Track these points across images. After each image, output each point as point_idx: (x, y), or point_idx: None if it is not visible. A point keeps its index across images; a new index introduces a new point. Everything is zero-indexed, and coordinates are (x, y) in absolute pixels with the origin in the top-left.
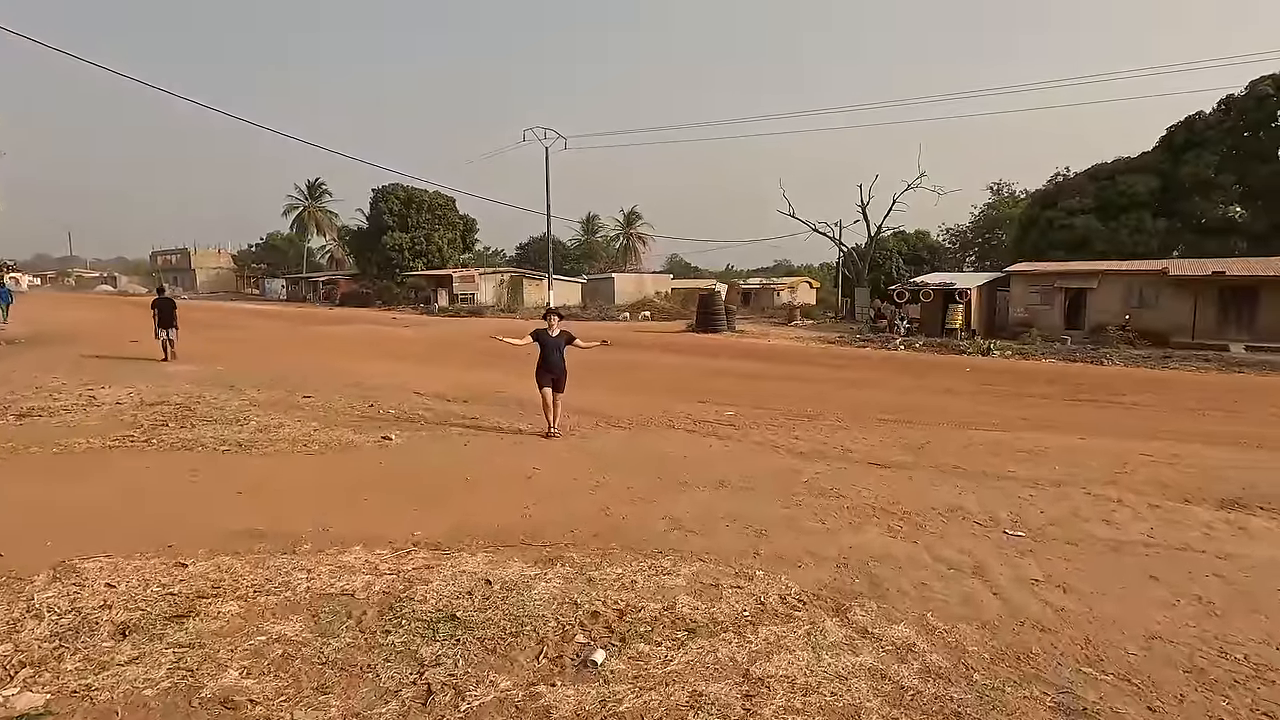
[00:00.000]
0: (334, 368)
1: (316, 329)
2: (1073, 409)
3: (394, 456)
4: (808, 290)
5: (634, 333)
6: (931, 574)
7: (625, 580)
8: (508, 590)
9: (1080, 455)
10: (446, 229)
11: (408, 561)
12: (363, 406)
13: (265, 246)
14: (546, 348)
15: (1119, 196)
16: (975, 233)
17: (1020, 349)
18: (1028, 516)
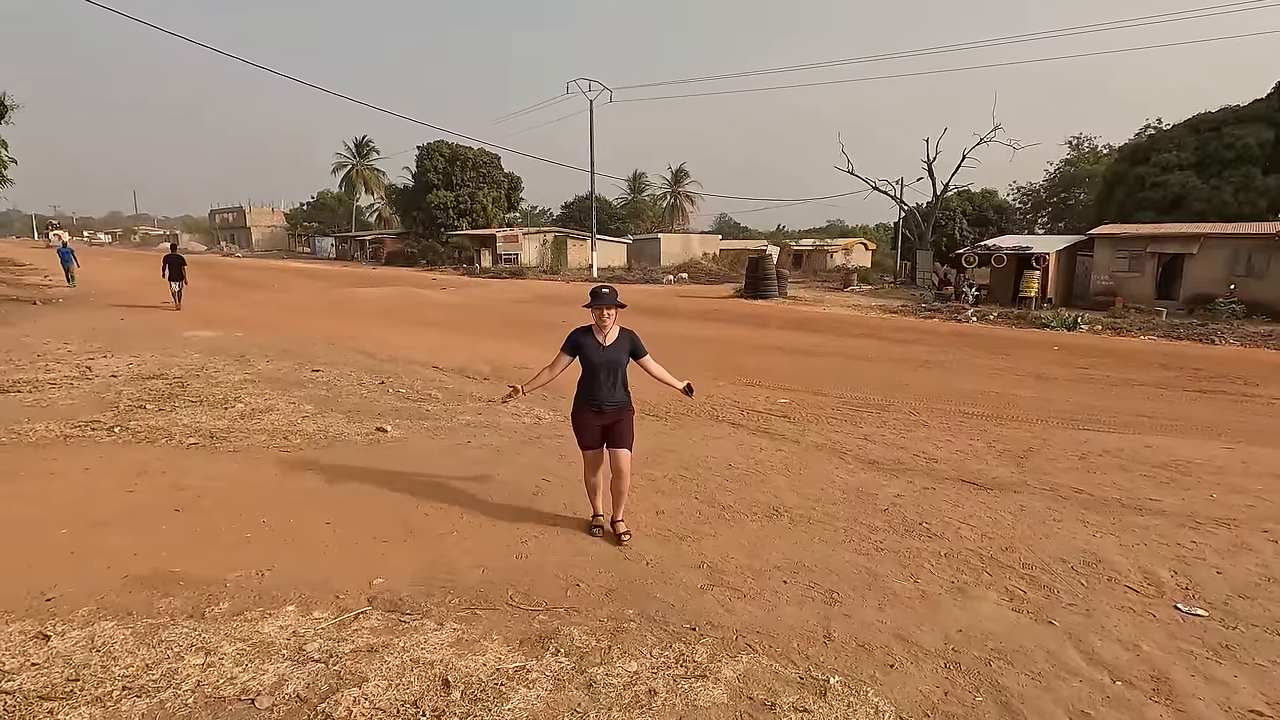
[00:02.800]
0: (356, 336)
1: (351, 291)
2: (1200, 403)
3: (381, 458)
4: (863, 252)
5: (678, 298)
6: (1091, 691)
7: (639, 688)
8: (471, 703)
9: (1238, 476)
10: (491, 187)
11: (349, 636)
12: (372, 384)
13: (316, 205)
14: (594, 368)
15: (1224, 150)
16: (1049, 192)
17: (1112, 323)
18: (1201, 579)
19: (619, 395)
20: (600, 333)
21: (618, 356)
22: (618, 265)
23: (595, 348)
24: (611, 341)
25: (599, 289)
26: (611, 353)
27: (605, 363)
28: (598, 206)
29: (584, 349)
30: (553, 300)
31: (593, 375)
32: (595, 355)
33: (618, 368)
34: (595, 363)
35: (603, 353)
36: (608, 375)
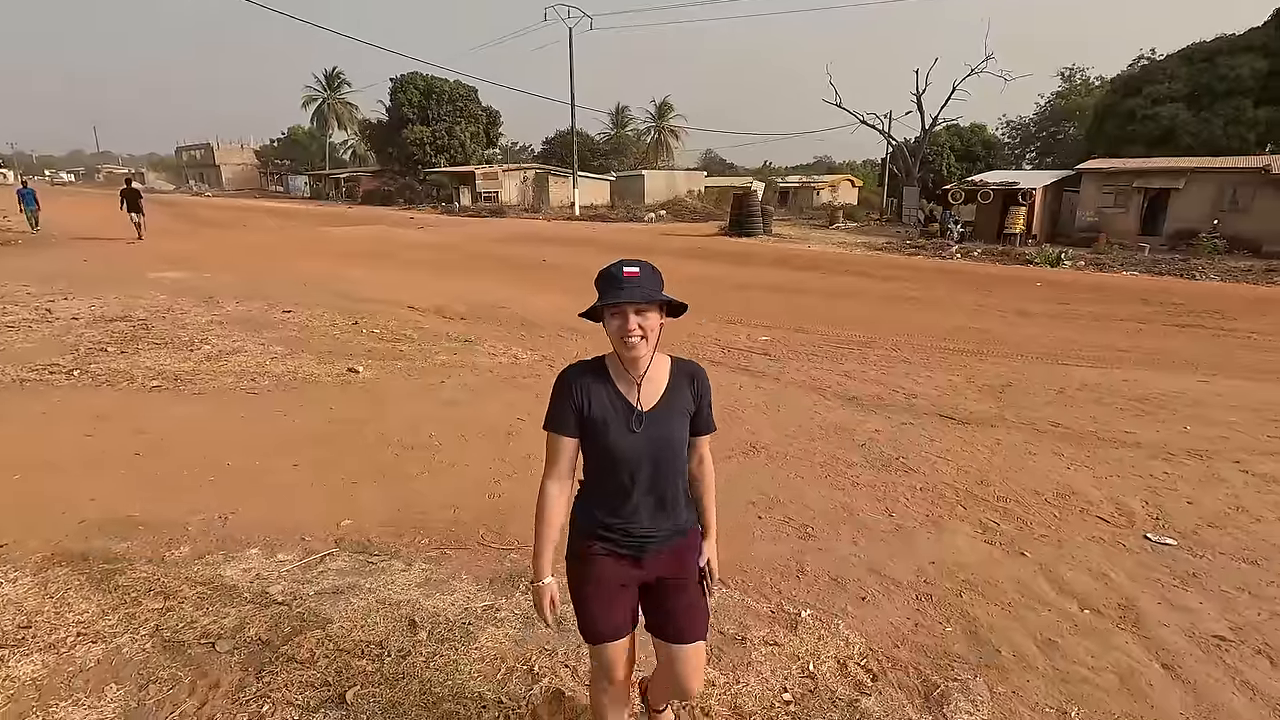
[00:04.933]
0: (330, 276)
1: (326, 231)
2: (1178, 338)
3: (352, 399)
4: (850, 189)
5: (661, 236)
6: (1060, 620)
7: None
8: (438, 643)
9: (1213, 408)
10: (469, 122)
11: (314, 578)
12: (345, 325)
13: (287, 141)
14: (616, 462)
15: (1217, 81)
16: (1039, 126)
17: (1095, 259)
18: (1171, 509)
19: (672, 515)
20: (627, 375)
21: (667, 433)
22: (601, 203)
23: (617, 416)
24: (656, 399)
25: (619, 268)
26: (656, 426)
27: (642, 451)
28: (579, 142)
29: (592, 422)
30: (533, 239)
31: (613, 475)
32: (619, 436)
33: (667, 457)
34: (620, 453)
35: (637, 428)
36: (648, 476)
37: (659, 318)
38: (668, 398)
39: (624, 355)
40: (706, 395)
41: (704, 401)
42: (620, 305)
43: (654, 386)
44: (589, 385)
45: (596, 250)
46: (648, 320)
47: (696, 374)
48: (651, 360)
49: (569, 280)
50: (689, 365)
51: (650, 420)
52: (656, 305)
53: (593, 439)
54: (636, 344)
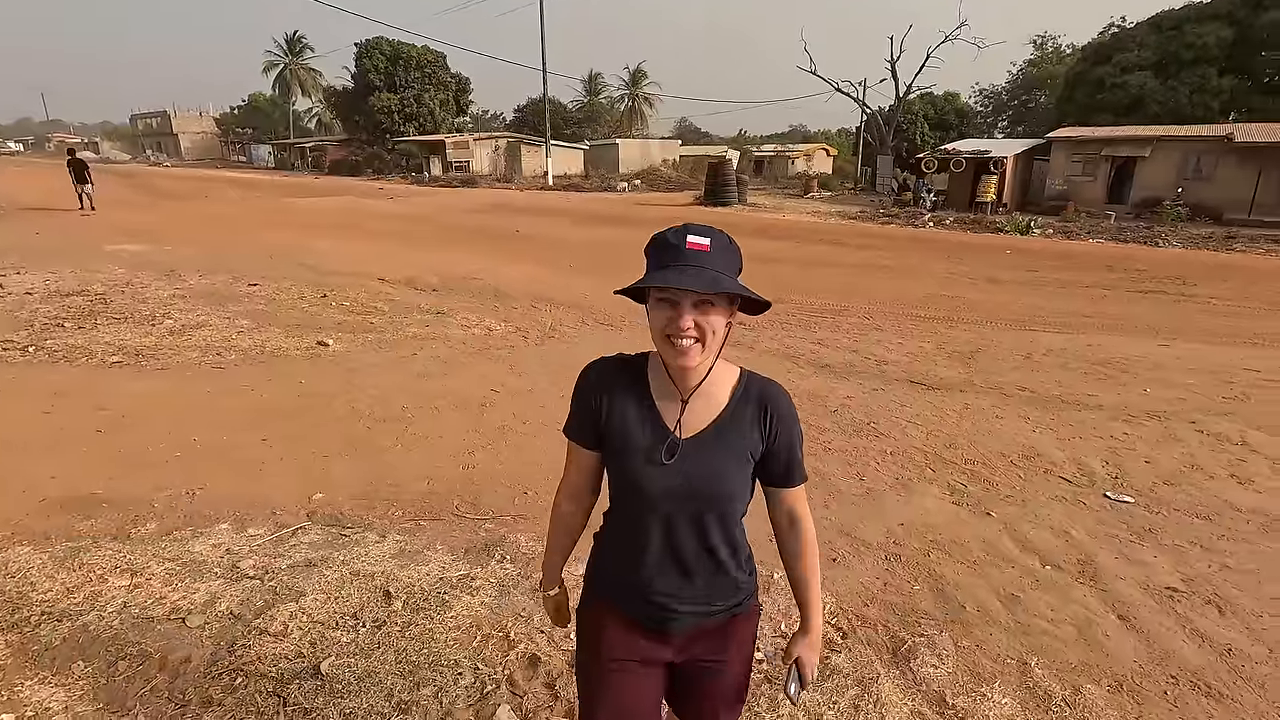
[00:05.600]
0: (297, 248)
1: (292, 201)
2: (1141, 303)
3: (322, 372)
4: (825, 158)
5: (636, 206)
6: (1022, 576)
7: None
8: (414, 612)
9: (1172, 371)
10: (438, 89)
11: (286, 552)
12: (313, 297)
13: (248, 109)
14: (645, 502)
15: (1184, 50)
16: (1011, 94)
17: (1063, 227)
18: (1130, 469)
19: (709, 586)
20: (672, 386)
21: (709, 473)
22: (574, 173)
23: (644, 437)
24: (705, 425)
25: (682, 235)
26: (696, 461)
27: (672, 491)
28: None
29: (611, 438)
30: (506, 209)
31: (630, 516)
32: (642, 466)
33: (709, 506)
34: (642, 488)
35: (668, 459)
36: (677, 527)
37: (727, 315)
38: (721, 426)
39: (670, 362)
40: (787, 434)
41: (781, 442)
42: (672, 291)
43: (706, 407)
44: (616, 390)
45: (570, 221)
46: (709, 318)
47: (773, 401)
48: (709, 372)
49: (542, 251)
50: (766, 387)
51: (689, 452)
52: (726, 298)
53: (611, 460)
54: (689, 349)
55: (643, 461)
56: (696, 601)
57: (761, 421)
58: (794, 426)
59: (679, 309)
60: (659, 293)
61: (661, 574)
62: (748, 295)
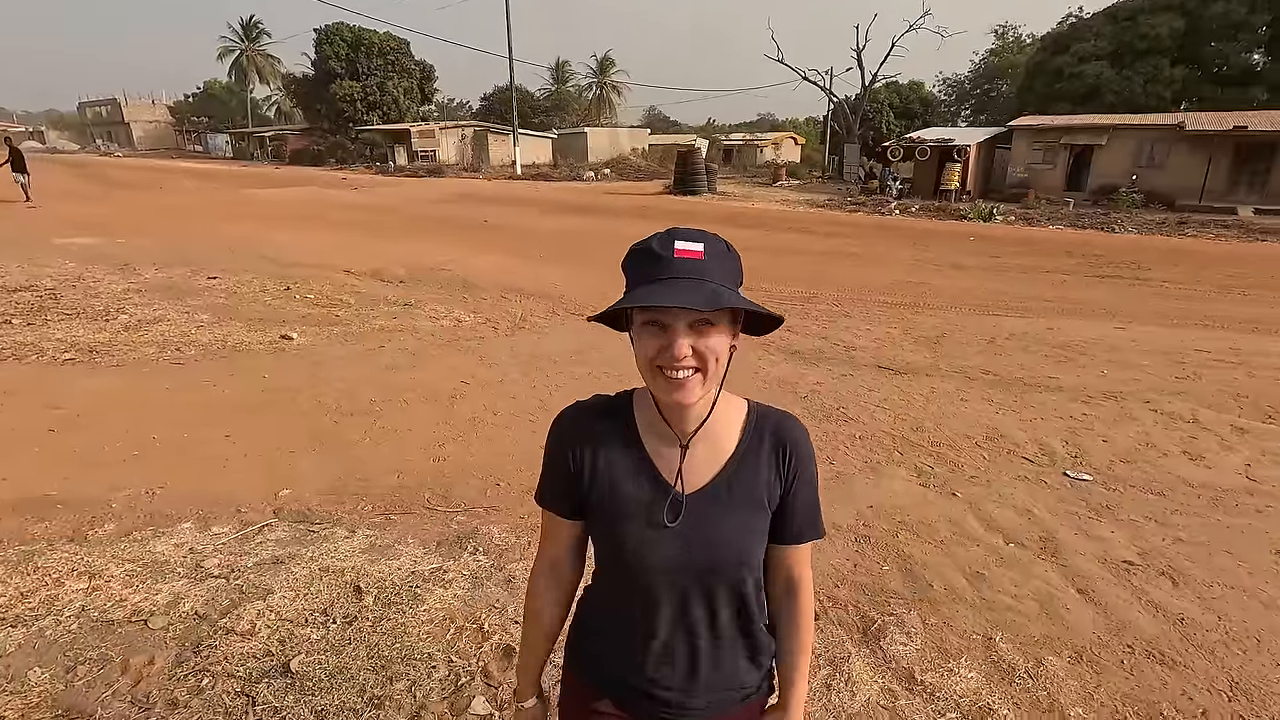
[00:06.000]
0: (258, 239)
1: (252, 193)
2: (1098, 287)
3: (287, 366)
4: (793, 147)
5: (605, 195)
6: (987, 554)
7: None
8: (385, 607)
9: (1128, 352)
10: (401, 76)
11: (252, 550)
12: (276, 290)
13: (203, 97)
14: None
15: (1138, 40)
16: (974, 84)
17: (1024, 214)
18: (1089, 448)
19: (730, 668)
20: (666, 430)
21: (724, 535)
22: (543, 162)
23: (640, 498)
24: (712, 474)
25: (668, 240)
26: (707, 521)
27: (680, 561)
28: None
29: (598, 503)
30: (474, 199)
31: (629, 596)
32: (640, 533)
33: (724, 575)
34: (641, 562)
35: (672, 521)
36: (689, 605)
37: (730, 337)
38: (732, 473)
39: (663, 398)
40: (805, 472)
41: (799, 481)
42: (661, 312)
43: (712, 453)
44: (598, 441)
45: (539, 210)
46: (709, 341)
47: (791, 439)
48: (713, 408)
49: (511, 241)
50: (781, 421)
51: (695, 510)
52: (728, 315)
53: (600, 531)
54: (686, 382)
55: (640, 526)
56: (713, 690)
57: (779, 464)
58: (811, 464)
59: (672, 333)
60: (645, 315)
61: (667, 663)
62: (756, 311)
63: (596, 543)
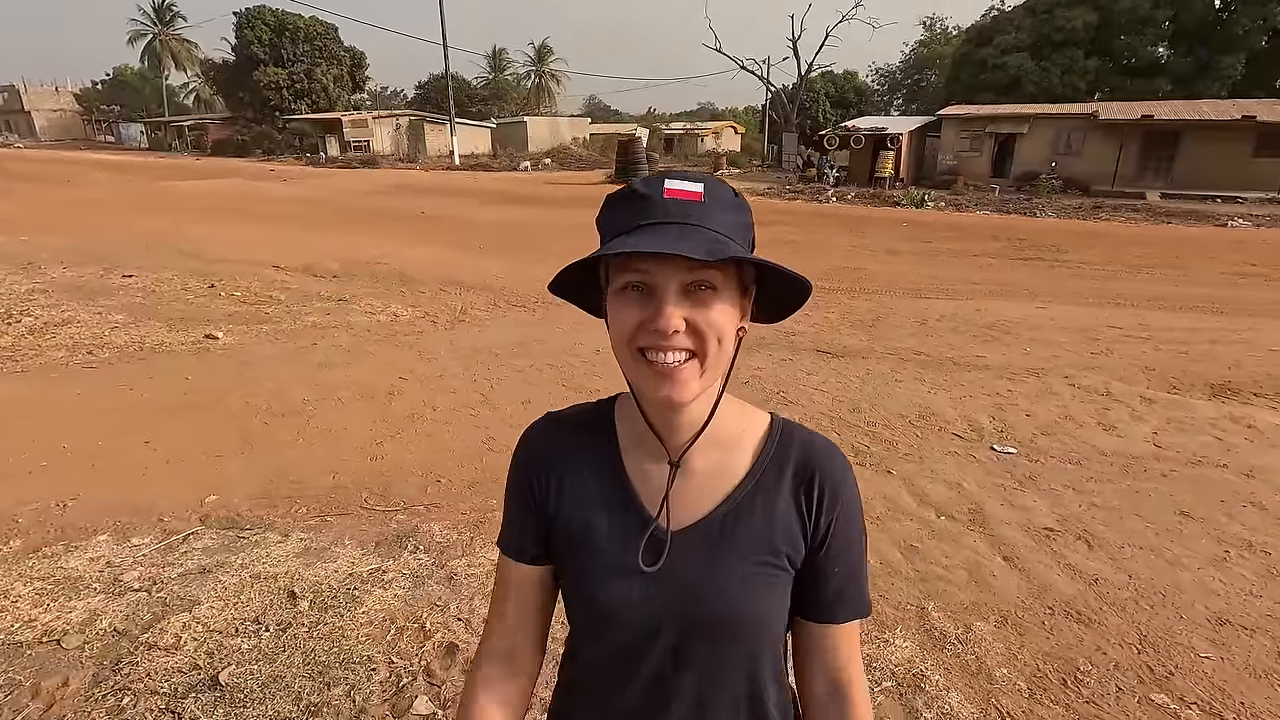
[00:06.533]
0: (179, 235)
1: (172, 185)
2: (1021, 269)
3: (212, 367)
4: (733, 136)
5: (546, 185)
6: (920, 527)
7: None
8: (321, 611)
9: (1048, 331)
10: (330, 63)
11: (177, 560)
12: (200, 288)
13: (113, 84)
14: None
15: (1055, 33)
16: (905, 73)
17: (954, 200)
18: (1013, 423)
19: None
20: (653, 443)
21: (716, 586)
22: (482, 152)
23: (613, 532)
24: (710, 508)
25: (658, 183)
26: (696, 566)
27: (660, 619)
28: (455, 87)
29: (565, 540)
30: (410, 190)
31: (610, 669)
32: (611, 579)
33: (728, 641)
34: (616, 618)
35: (650, 564)
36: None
37: (737, 312)
38: (739, 506)
39: (647, 393)
40: (846, 525)
41: (836, 536)
42: (644, 269)
43: (712, 475)
44: (566, 464)
45: (479, 201)
46: (709, 312)
47: (826, 471)
48: (713, 411)
49: (449, 232)
50: (813, 445)
51: (684, 550)
52: (735, 279)
53: (568, 578)
54: (676, 370)
55: (609, 570)
56: None
57: (807, 505)
58: (857, 519)
59: (659, 298)
60: (623, 275)
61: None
62: (777, 270)
63: (566, 597)
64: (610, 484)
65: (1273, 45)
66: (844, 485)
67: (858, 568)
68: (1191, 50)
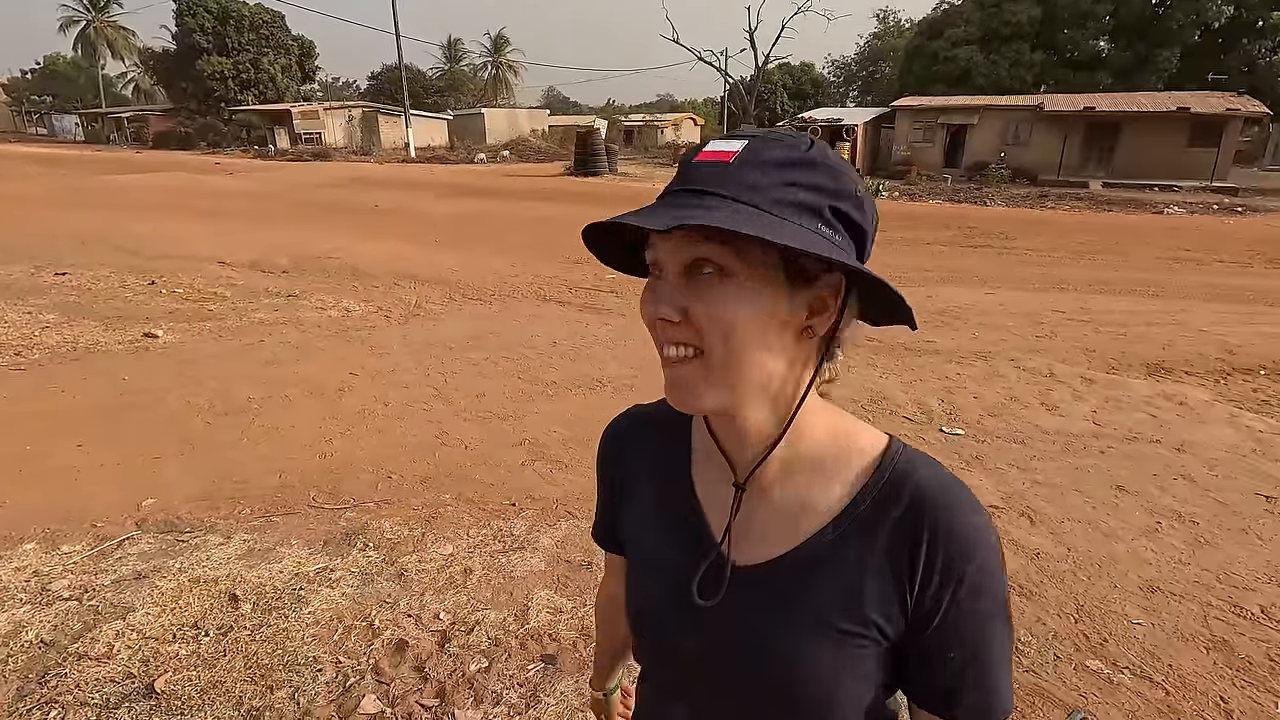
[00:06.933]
0: (118, 231)
1: (111, 179)
2: (971, 256)
3: (151, 367)
4: (692, 128)
5: (504, 178)
6: None
7: (454, 569)
8: (264, 613)
9: (996, 316)
10: (278, 53)
11: (110, 567)
12: (139, 286)
13: (44, 73)
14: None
15: (1003, 26)
16: (860, 65)
17: (907, 189)
18: (961, 404)
19: None
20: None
21: (796, 651)
22: (439, 144)
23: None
24: (791, 541)
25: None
26: (764, 615)
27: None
28: (410, 78)
29: (629, 547)
30: (364, 183)
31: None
32: (663, 615)
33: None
34: (672, 654)
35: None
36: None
37: (767, 297)
38: (820, 553)
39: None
40: (966, 603)
41: (950, 615)
42: (656, 248)
43: (788, 509)
44: (638, 463)
45: (435, 194)
46: (710, 302)
47: (938, 524)
48: (787, 425)
49: (405, 226)
50: (931, 488)
51: (746, 593)
52: (758, 250)
53: (628, 588)
54: (676, 371)
55: (663, 598)
56: None
57: (909, 566)
58: (987, 601)
59: (658, 279)
60: (649, 255)
61: None
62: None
63: (631, 626)
64: (675, 495)
65: (1205, 40)
66: (969, 552)
67: (987, 663)
68: (1130, 44)
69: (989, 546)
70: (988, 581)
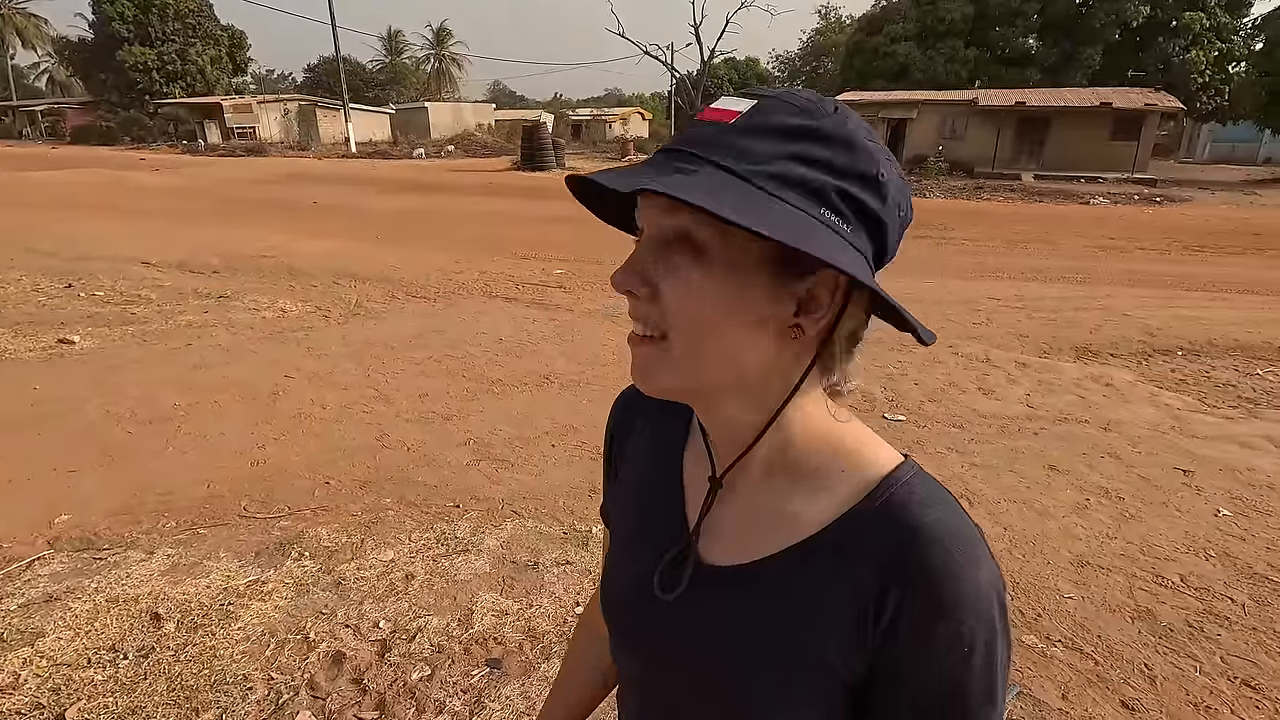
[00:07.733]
0: (30, 231)
1: (23, 176)
2: (914, 248)
3: (65, 375)
4: (640, 122)
5: (448, 173)
6: None
7: (395, 575)
8: (190, 632)
9: (938, 304)
10: (206, 43)
11: (18, 590)
12: (54, 289)
13: None
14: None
15: (938, 23)
16: (803, 60)
17: None
18: (903, 392)
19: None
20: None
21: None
22: (381, 138)
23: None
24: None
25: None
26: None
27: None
28: (349, 70)
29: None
30: (301, 179)
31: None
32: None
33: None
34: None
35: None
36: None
37: (744, 285)
38: (781, 578)
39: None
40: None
41: (915, 684)
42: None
43: (763, 514)
44: (636, 435)
45: (376, 190)
46: (674, 274)
47: (916, 572)
48: (767, 427)
49: (344, 223)
50: (919, 529)
51: (707, 593)
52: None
53: (604, 568)
54: (635, 351)
55: (629, 584)
56: None
57: (872, 604)
58: (971, 661)
59: (638, 244)
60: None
61: None
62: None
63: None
64: (663, 476)
65: (1125, 38)
66: (957, 611)
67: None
68: (1057, 42)
69: (984, 611)
70: (976, 652)
